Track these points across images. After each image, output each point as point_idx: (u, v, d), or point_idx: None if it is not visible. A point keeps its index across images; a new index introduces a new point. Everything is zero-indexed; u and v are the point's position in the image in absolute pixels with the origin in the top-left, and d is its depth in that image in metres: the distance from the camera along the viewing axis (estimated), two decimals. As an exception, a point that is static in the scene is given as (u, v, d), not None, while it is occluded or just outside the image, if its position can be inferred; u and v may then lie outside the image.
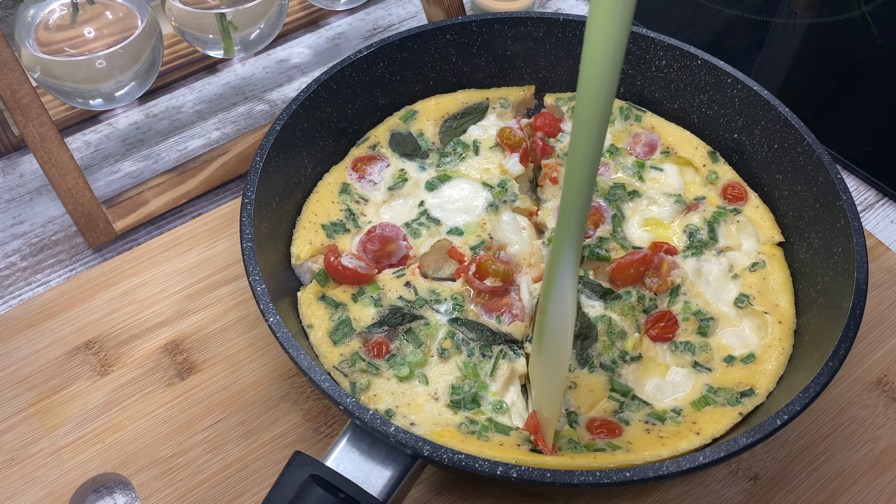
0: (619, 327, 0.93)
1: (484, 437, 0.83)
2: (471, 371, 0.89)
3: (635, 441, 0.83)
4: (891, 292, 1.07)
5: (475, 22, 1.13)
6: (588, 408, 0.88)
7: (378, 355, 0.90)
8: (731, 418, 0.85)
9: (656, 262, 0.97)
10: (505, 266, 0.96)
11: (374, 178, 1.07)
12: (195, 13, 1.12)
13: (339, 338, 0.91)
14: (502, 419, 0.86)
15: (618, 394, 0.89)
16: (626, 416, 0.87)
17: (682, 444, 0.82)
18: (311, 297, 0.95)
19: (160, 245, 1.10)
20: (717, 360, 0.92)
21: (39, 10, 1.07)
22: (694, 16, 1.55)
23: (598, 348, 0.92)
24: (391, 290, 0.95)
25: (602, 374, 0.90)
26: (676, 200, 1.06)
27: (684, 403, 0.88)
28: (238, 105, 1.36)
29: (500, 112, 1.15)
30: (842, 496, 0.90)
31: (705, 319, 0.94)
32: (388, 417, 0.84)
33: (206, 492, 0.89)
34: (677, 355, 0.92)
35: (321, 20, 1.50)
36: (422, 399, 0.87)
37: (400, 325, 0.92)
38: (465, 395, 0.87)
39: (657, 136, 1.12)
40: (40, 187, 1.23)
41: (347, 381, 0.88)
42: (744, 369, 0.90)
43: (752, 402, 0.87)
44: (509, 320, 0.93)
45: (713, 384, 0.89)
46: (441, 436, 0.82)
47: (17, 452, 0.92)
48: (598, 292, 0.96)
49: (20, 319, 1.02)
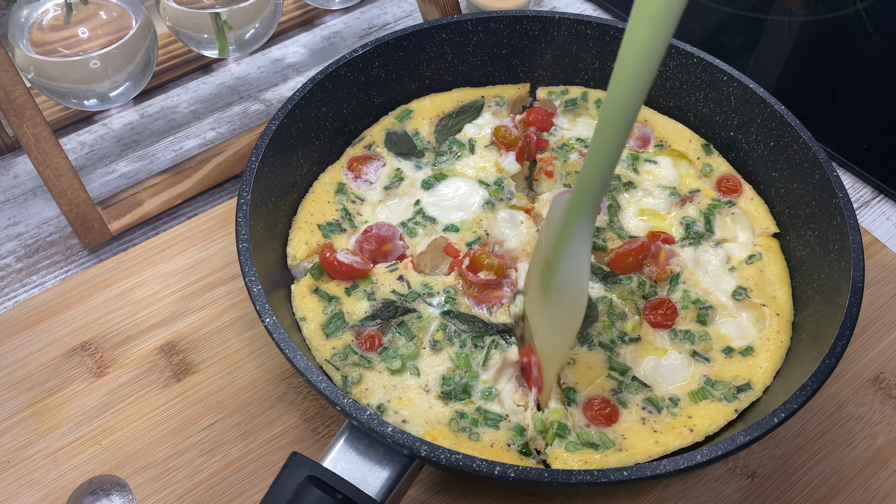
0: (619, 309, 0.94)
1: (475, 436, 0.84)
2: (463, 361, 0.89)
3: (629, 435, 0.84)
4: (887, 289, 1.07)
5: (470, 21, 1.12)
6: (586, 384, 0.88)
7: (370, 348, 0.90)
8: (726, 415, 0.86)
9: (654, 250, 0.98)
10: (499, 259, 0.96)
11: (369, 178, 1.07)
12: (190, 13, 1.12)
13: (332, 331, 0.91)
14: (492, 406, 0.87)
15: (616, 372, 0.90)
16: (625, 396, 0.88)
17: (675, 441, 0.83)
18: (304, 290, 0.95)
19: (156, 246, 1.09)
20: (715, 349, 0.93)
21: (33, 10, 1.06)
22: (689, 13, 1.55)
23: (598, 328, 0.92)
24: (384, 284, 0.96)
25: (601, 353, 0.91)
26: (671, 193, 1.06)
27: (682, 393, 0.89)
28: (233, 105, 1.35)
29: (495, 110, 1.15)
30: (839, 493, 0.90)
31: (704, 308, 0.95)
32: (379, 413, 0.85)
33: (204, 493, 0.89)
34: (676, 343, 0.93)
35: (316, 19, 1.49)
36: (413, 392, 0.87)
37: (393, 319, 0.92)
38: (455, 385, 0.87)
39: (650, 129, 1.12)
40: (35, 188, 1.23)
41: (339, 375, 0.88)
42: (742, 362, 0.91)
43: (748, 398, 0.88)
44: (501, 311, 0.94)
45: (711, 376, 0.90)
46: (433, 436, 0.83)
47: (14, 454, 0.91)
48: (600, 275, 0.97)
49: (15, 321, 1.02)
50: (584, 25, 1.12)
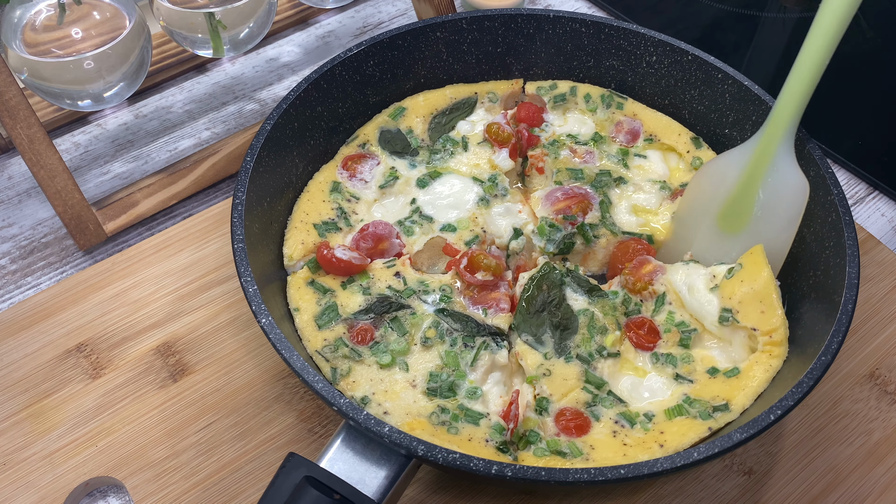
0: (600, 322, 0.93)
1: (454, 430, 0.84)
2: (451, 360, 0.89)
3: (598, 446, 0.83)
4: (882, 286, 1.07)
5: (465, 19, 1.12)
6: (560, 396, 0.87)
7: (362, 342, 0.90)
8: (698, 432, 0.83)
9: (637, 261, 0.97)
10: (497, 260, 0.96)
11: (364, 177, 1.07)
12: (184, 13, 1.12)
13: (325, 322, 0.91)
14: (474, 405, 0.87)
15: (592, 385, 0.88)
16: (599, 410, 0.87)
17: (643, 455, 0.82)
18: (300, 281, 0.95)
19: (151, 246, 1.09)
20: (699, 371, 0.90)
21: (26, 10, 1.06)
22: (684, 10, 1.55)
23: (577, 340, 0.92)
24: (381, 279, 0.96)
25: (578, 365, 0.90)
26: (662, 187, 1.06)
27: (658, 409, 0.87)
28: (228, 104, 1.35)
29: (488, 106, 1.15)
30: (835, 489, 0.91)
31: (687, 331, 0.92)
32: (363, 405, 0.85)
33: (201, 494, 0.89)
34: (658, 366, 0.91)
35: (311, 18, 1.49)
36: (399, 386, 0.87)
37: (386, 314, 0.93)
38: (442, 382, 0.87)
39: (639, 124, 1.12)
40: (29, 189, 1.23)
41: (329, 367, 0.88)
42: (725, 383, 0.88)
43: (724, 417, 0.85)
44: (496, 314, 0.94)
45: (691, 395, 0.88)
46: (412, 427, 0.83)
47: (9, 457, 0.91)
48: (585, 287, 0.96)
49: (10, 323, 1.01)
50: (579, 23, 1.12)
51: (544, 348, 0.91)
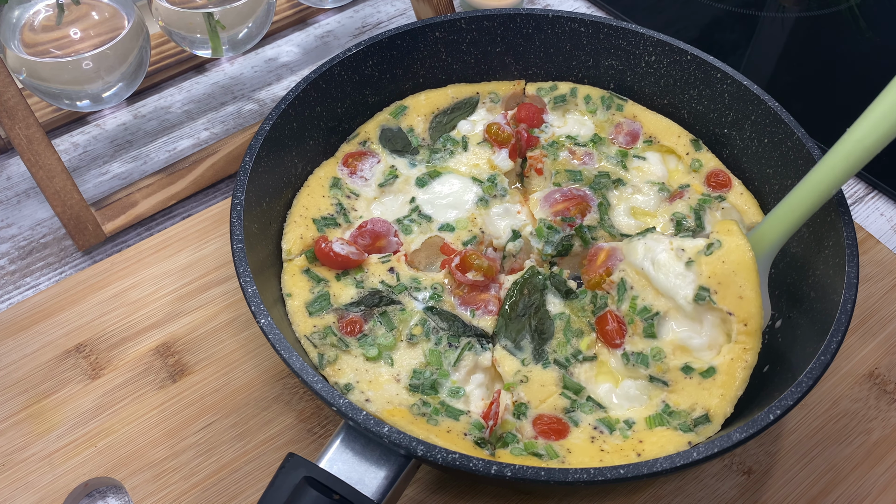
0: (575, 325, 0.93)
1: (433, 421, 0.84)
2: (434, 358, 0.89)
3: (575, 450, 0.83)
4: (881, 285, 1.07)
5: (464, 19, 1.12)
6: (538, 402, 0.87)
7: (350, 333, 0.91)
8: (677, 445, 0.82)
9: (589, 255, 0.97)
10: (489, 262, 0.96)
11: (364, 174, 1.07)
12: (182, 13, 1.11)
13: (316, 310, 0.92)
14: (455, 403, 0.87)
15: (570, 391, 0.88)
16: (578, 416, 0.86)
17: (620, 462, 0.81)
18: (296, 268, 0.96)
19: (150, 247, 1.09)
20: (673, 369, 0.87)
21: (24, 10, 1.06)
22: (683, 10, 1.55)
23: (553, 345, 0.92)
24: (375, 273, 0.96)
25: (555, 371, 0.90)
26: (660, 189, 1.06)
27: (639, 417, 0.86)
28: (227, 105, 1.35)
29: (489, 106, 1.15)
30: (835, 489, 0.91)
31: (650, 316, 0.89)
32: (345, 392, 0.85)
33: (200, 494, 0.89)
34: (630, 369, 0.89)
35: (309, 18, 1.49)
36: (383, 379, 0.88)
37: (376, 307, 0.93)
38: (425, 380, 0.88)
39: (639, 125, 1.12)
40: (28, 190, 1.22)
41: (316, 352, 0.88)
42: (701, 386, 0.86)
43: (705, 431, 0.83)
44: (483, 315, 0.94)
45: (670, 402, 0.86)
46: (392, 414, 0.83)
47: (8, 458, 0.91)
48: (562, 290, 0.96)
49: (9, 323, 1.01)
50: (578, 23, 1.12)
51: (522, 354, 0.91)
